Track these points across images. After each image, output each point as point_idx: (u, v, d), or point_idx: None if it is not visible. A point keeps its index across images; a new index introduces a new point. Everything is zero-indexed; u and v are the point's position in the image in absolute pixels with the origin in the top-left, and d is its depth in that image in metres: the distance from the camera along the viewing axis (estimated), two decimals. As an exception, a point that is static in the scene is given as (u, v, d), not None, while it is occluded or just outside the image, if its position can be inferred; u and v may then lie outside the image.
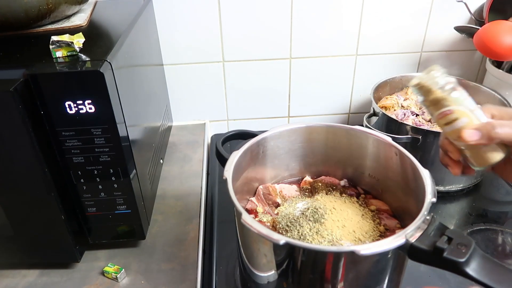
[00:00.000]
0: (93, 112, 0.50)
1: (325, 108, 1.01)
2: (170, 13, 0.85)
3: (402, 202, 0.55)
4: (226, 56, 0.91)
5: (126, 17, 0.69)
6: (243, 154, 0.54)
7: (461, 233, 0.41)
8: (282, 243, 0.40)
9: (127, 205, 0.58)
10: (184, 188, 0.78)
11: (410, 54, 0.94)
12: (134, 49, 0.64)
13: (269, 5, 0.86)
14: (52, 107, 0.49)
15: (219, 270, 0.64)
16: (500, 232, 0.70)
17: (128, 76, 0.59)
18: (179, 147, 0.91)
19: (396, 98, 0.85)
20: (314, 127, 0.60)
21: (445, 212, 0.75)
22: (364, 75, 0.96)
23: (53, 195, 0.53)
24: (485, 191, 0.80)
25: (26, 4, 0.57)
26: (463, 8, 0.85)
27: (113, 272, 0.60)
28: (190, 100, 0.97)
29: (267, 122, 1.01)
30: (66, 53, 0.51)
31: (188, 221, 0.71)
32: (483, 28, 0.80)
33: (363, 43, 0.92)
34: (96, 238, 0.61)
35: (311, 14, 0.87)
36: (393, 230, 0.53)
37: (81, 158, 0.53)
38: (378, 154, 0.58)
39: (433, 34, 0.92)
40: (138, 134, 0.62)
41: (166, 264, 0.62)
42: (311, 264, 0.45)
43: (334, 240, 0.49)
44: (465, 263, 0.38)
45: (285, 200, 0.59)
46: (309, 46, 0.91)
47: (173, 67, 0.92)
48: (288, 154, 0.62)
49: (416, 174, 0.50)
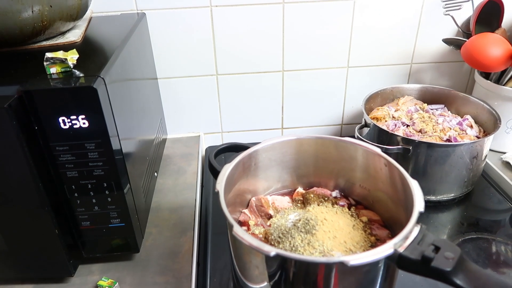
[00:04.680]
0: (86, 127, 0.50)
1: (318, 120, 1.02)
2: (164, 27, 0.87)
3: (393, 212, 0.56)
4: (219, 69, 0.93)
5: (120, 32, 0.71)
6: (235, 167, 0.55)
7: (448, 242, 0.41)
8: (272, 254, 0.41)
9: (121, 218, 0.58)
10: (179, 201, 0.79)
11: (401, 65, 0.96)
12: (128, 64, 0.65)
13: (262, 19, 0.87)
14: (46, 122, 0.50)
15: (213, 282, 0.64)
16: (492, 241, 0.71)
17: (122, 90, 0.60)
18: (173, 160, 0.91)
19: (387, 109, 0.87)
20: (304, 139, 0.61)
21: (437, 221, 0.76)
22: (355, 86, 0.98)
23: (47, 209, 0.54)
24: (476, 200, 0.81)
25: (21, 21, 0.58)
26: (450, 21, 0.87)
27: (107, 286, 0.60)
28: (185, 113, 0.98)
29: (261, 134, 1.02)
30: (60, 69, 0.52)
31: (182, 233, 0.71)
32: (470, 40, 0.81)
33: (354, 55, 0.93)
34: (90, 252, 0.61)
35: (303, 28, 0.89)
36: (384, 240, 0.54)
37: (75, 173, 0.54)
38: (368, 165, 0.58)
39: (423, 46, 0.94)
40: (132, 147, 0.63)
41: (160, 277, 0.63)
42: (302, 275, 0.45)
43: (325, 251, 0.49)
44: (452, 272, 0.39)
45: (278, 211, 0.60)
46: (301, 59, 0.93)
47: (167, 80, 0.93)
48: (280, 166, 0.62)
49: (405, 184, 0.50)
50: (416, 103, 0.90)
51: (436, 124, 0.81)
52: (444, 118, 0.83)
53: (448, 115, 0.85)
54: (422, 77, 0.98)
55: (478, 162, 0.76)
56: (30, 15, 0.58)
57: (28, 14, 0.57)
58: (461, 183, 0.77)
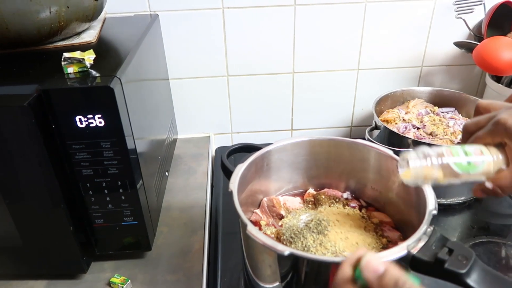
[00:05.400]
0: (102, 126, 0.51)
1: (327, 121, 1.03)
2: (176, 29, 0.88)
3: (404, 214, 0.56)
4: (230, 70, 0.93)
5: (134, 33, 0.72)
6: (248, 167, 0.55)
7: (462, 245, 0.41)
8: (286, 254, 0.41)
9: (134, 216, 0.59)
10: (189, 200, 0.79)
11: (411, 68, 0.96)
12: (141, 64, 0.66)
13: (273, 21, 0.88)
14: (63, 121, 0.51)
15: (224, 281, 0.64)
16: (502, 245, 0.71)
17: (136, 90, 0.60)
18: (184, 160, 0.92)
19: (397, 112, 0.87)
20: (317, 141, 0.61)
21: (447, 224, 0.76)
22: (365, 89, 0.98)
23: (62, 206, 0.55)
24: (487, 204, 0.81)
25: (38, 22, 0.59)
26: (462, 24, 0.87)
27: (119, 283, 0.60)
28: (195, 113, 0.99)
29: (270, 135, 1.03)
30: (77, 69, 0.52)
31: (193, 233, 0.71)
32: (482, 44, 0.81)
33: (365, 57, 0.94)
34: (103, 249, 0.62)
35: (314, 30, 0.89)
36: (395, 242, 0.54)
37: (90, 171, 0.55)
38: (380, 167, 0.59)
39: (433, 49, 0.94)
40: (145, 147, 0.64)
41: (171, 276, 0.63)
42: (314, 275, 0.46)
43: (337, 251, 0.49)
44: (466, 274, 0.39)
45: (289, 212, 0.60)
46: (311, 61, 0.93)
47: (178, 81, 0.94)
48: (292, 167, 0.63)
49: (417, 186, 0.50)
50: (427, 106, 0.90)
51: (447, 127, 0.81)
52: (455, 121, 0.83)
53: (459, 118, 0.85)
54: (433, 80, 0.98)
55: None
56: (48, 16, 0.59)
57: (45, 15, 0.58)
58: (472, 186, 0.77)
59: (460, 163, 0.41)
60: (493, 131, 0.41)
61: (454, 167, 0.41)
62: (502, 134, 0.40)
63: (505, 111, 0.40)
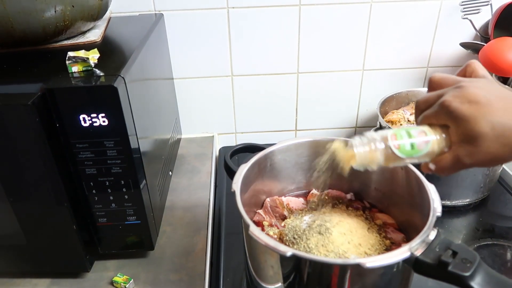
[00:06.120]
0: (106, 125, 0.51)
1: (332, 122, 1.02)
2: (181, 28, 0.88)
3: (408, 216, 0.55)
4: (234, 70, 0.93)
5: (139, 32, 0.72)
6: (251, 167, 0.55)
7: (466, 248, 0.41)
8: (289, 254, 0.41)
9: (137, 215, 0.59)
10: (192, 200, 0.79)
11: (416, 69, 0.95)
12: (146, 63, 0.66)
13: (278, 21, 0.88)
14: (67, 120, 0.51)
15: (226, 281, 0.64)
16: (507, 247, 0.70)
17: (140, 90, 0.60)
18: (187, 159, 0.92)
19: (402, 113, 0.86)
20: (320, 141, 0.61)
21: (452, 227, 0.75)
22: (370, 89, 0.97)
23: (66, 205, 0.55)
24: (492, 206, 0.80)
25: (44, 21, 0.59)
26: (468, 25, 0.87)
27: (122, 282, 0.61)
28: (199, 113, 0.99)
29: (274, 135, 1.03)
30: (82, 68, 0.53)
31: (196, 232, 0.71)
32: (489, 45, 0.81)
33: (370, 58, 0.93)
34: (106, 248, 0.62)
35: (319, 30, 0.89)
36: (399, 244, 0.54)
37: (93, 170, 0.55)
38: (384, 168, 0.58)
39: (439, 50, 0.93)
40: (148, 146, 0.64)
41: (174, 275, 0.63)
42: (317, 277, 0.45)
43: (340, 253, 0.49)
44: (470, 277, 0.39)
45: (292, 213, 0.60)
46: (316, 61, 0.93)
47: (183, 81, 0.94)
48: (295, 167, 0.63)
49: (422, 188, 0.50)
50: (432, 107, 0.89)
51: (452, 128, 0.81)
52: (460, 123, 0.82)
53: (465, 120, 0.84)
54: (438, 81, 0.98)
55: (495, 167, 0.75)
56: (53, 15, 0.59)
57: (51, 14, 0.59)
58: (477, 188, 0.76)
59: (404, 146, 0.41)
60: (437, 113, 0.40)
61: (396, 152, 0.41)
62: (446, 117, 0.39)
63: (452, 91, 0.39)
